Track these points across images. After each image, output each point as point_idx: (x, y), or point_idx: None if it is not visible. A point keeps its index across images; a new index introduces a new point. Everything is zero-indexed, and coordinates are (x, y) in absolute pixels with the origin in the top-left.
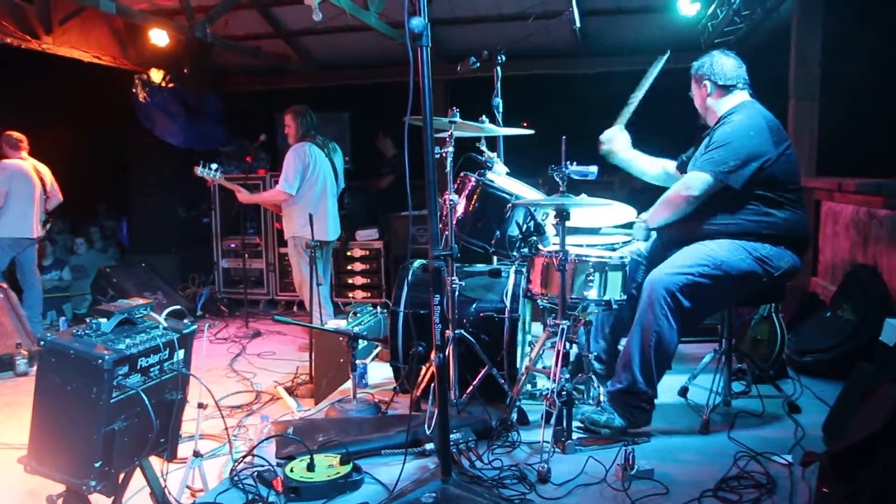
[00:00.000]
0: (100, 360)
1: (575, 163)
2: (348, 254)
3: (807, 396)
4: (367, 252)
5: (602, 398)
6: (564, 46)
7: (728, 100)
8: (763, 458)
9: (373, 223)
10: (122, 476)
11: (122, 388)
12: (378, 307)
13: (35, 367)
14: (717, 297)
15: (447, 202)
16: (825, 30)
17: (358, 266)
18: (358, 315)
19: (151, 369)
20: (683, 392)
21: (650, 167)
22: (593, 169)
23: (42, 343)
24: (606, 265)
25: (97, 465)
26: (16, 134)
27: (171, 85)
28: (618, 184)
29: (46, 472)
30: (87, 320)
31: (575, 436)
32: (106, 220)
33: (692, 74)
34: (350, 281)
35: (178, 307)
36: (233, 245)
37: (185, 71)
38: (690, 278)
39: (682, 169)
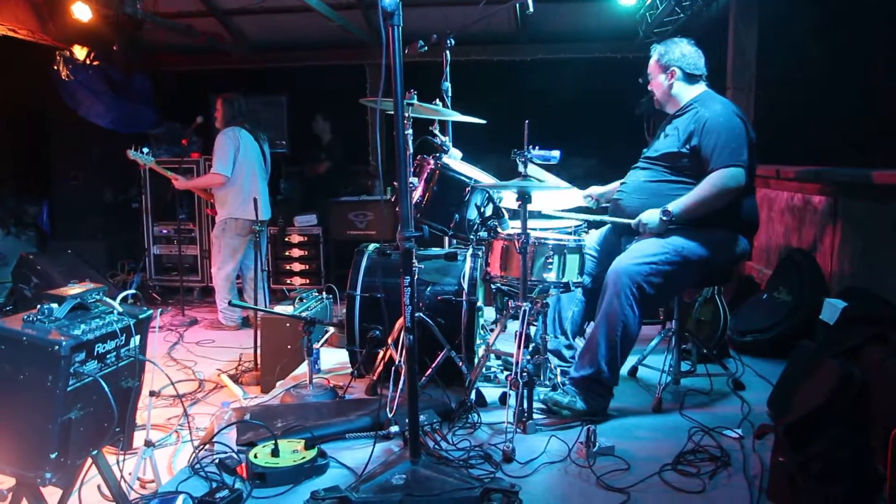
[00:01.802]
0: (56, 347)
1: (538, 147)
2: (286, 240)
3: (748, 374)
4: (306, 238)
5: (559, 379)
6: (505, 33)
7: (693, 89)
8: (715, 432)
9: (311, 208)
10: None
11: (78, 376)
12: (323, 293)
13: None
14: (677, 284)
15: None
16: (760, 22)
17: (296, 252)
18: (304, 301)
19: (108, 356)
20: (633, 372)
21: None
22: (555, 153)
23: None
24: (565, 248)
25: (53, 456)
26: None
27: (96, 63)
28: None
29: None
30: (38, 306)
31: (535, 416)
32: (25, 204)
33: (656, 61)
34: (288, 267)
35: (133, 291)
36: (165, 231)
37: (115, 48)
38: (654, 267)
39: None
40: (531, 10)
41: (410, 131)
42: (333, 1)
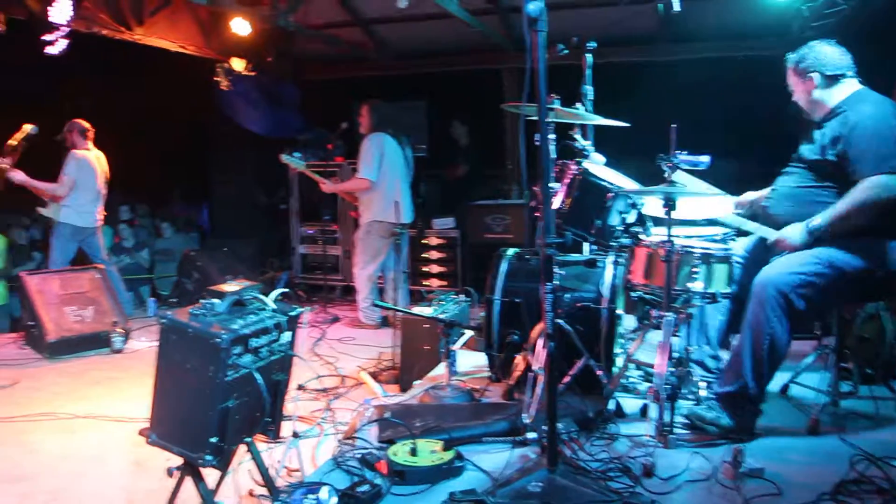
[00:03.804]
0: (217, 339)
1: (686, 151)
2: (425, 242)
3: None
4: (444, 241)
5: (703, 393)
6: (646, 33)
7: (838, 90)
8: (883, 462)
9: (449, 212)
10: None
11: (236, 368)
12: (461, 295)
13: (128, 344)
14: (831, 298)
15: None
16: None
17: (434, 254)
18: (442, 302)
19: (261, 350)
20: (784, 390)
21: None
22: (704, 158)
23: (163, 321)
24: (712, 257)
25: (213, 440)
26: (86, 123)
27: (251, 73)
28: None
29: (165, 445)
30: (201, 301)
31: (677, 431)
32: (189, 205)
33: (791, 68)
34: (426, 269)
35: (286, 290)
36: (310, 231)
37: (269, 60)
38: (804, 278)
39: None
40: (677, 8)
41: (553, 136)
42: (472, 7)
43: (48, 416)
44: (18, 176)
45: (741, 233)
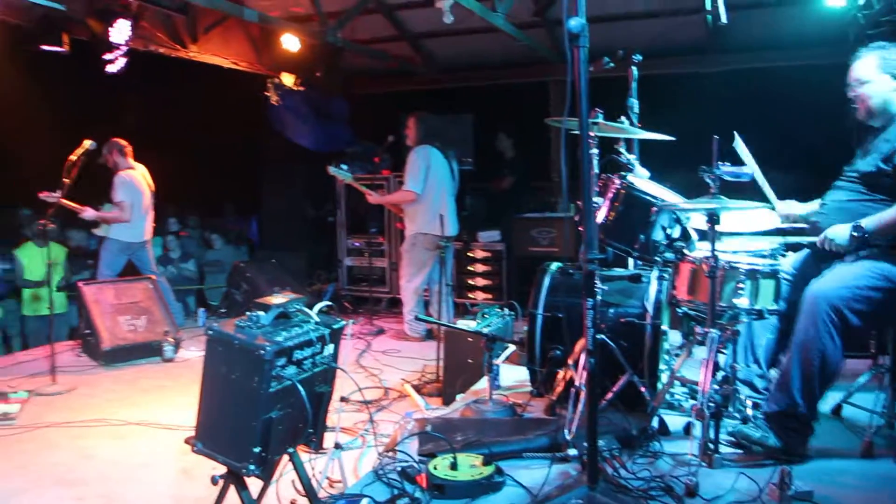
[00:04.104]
0: (262, 351)
1: (728, 163)
2: (470, 255)
3: None
4: (489, 253)
5: (749, 412)
6: (694, 44)
7: None
8: None
9: (494, 225)
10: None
11: (279, 379)
12: (505, 309)
13: (178, 353)
14: (887, 314)
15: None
16: None
17: (479, 267)
18: (486, 316)
19: (305, 362)
20: (837, 410)
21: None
22: (747, 170)
23: (209, 332)
24: (758, 272)
25: (256, 450)
26: (122, 141)
27: (301, 88)
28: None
29: (210, 454)
30: (247, 313)
31: (722, 450)
32: (239, 218)
33: (875, 68)
34: (471, 282)
35: (330, 303)
36: (357, 244)
37: (318, 74)
38: (858, 293)
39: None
40: (724, 20)
41: (596, 150)
42: (518, 20)
43: (102, 423)
44: (89, 213)
45: (790, 248)
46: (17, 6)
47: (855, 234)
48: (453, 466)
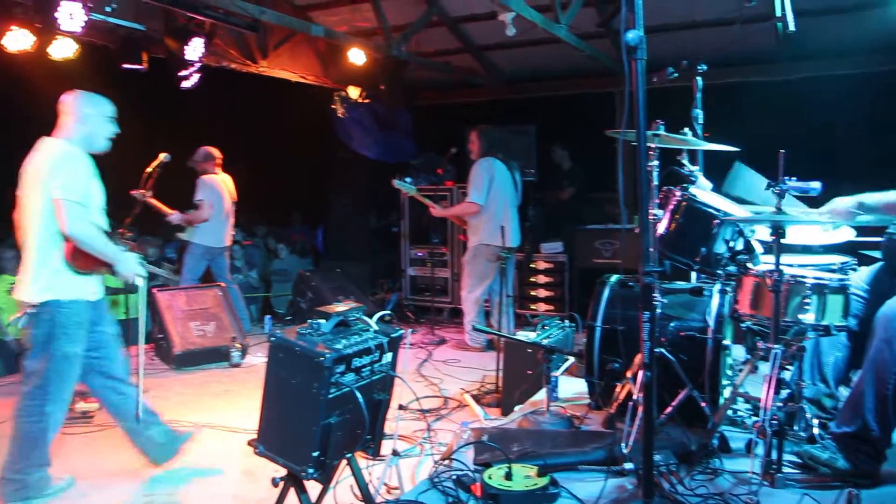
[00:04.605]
0: (321, 358)
1: (795, 178)
2: (532, 266)
3: None
4: (552, 265)
5: (816, 431)
6: (764, 52)
7: None
8: None
9: (556, 236)
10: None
11: (338, 386)
12: (566, 321)
13: (246, 359)
14: None
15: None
16: None
17: (541, 279)
18: (546, 328)
19: (363, 369)
20: None
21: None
22: (815, 185)
23: (272, 339)
24: (826, 287)
25: (315, 454)
26: (215, 151)
27: (366, 101)
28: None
29: (272, 456)
30: (308, 321)
31: (785, 470)
32: (305, 228)
33: None
34: (533, 293)
35: (388, 312)
36: (420, 254)
37: (382, 87)
38: None
39: None
40: (792, 28)
41: (656, 163)
42: (582, 31)
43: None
44: (175, 216)
45: (862, 261)
46: (101, 28)
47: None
48: (508, 476)
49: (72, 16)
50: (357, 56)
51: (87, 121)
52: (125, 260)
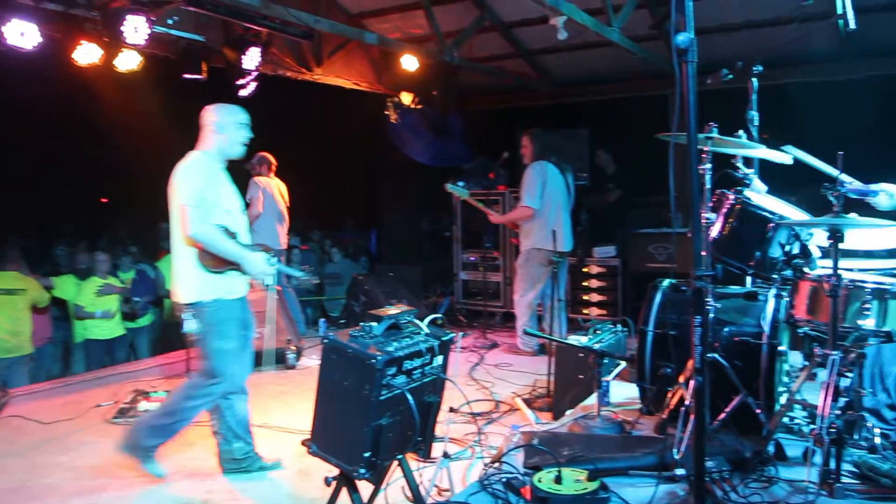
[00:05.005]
0: (373, 360)
1: (853, 181)
2: (585, 270)
3: None
4: (604, 269)
5: (877, 441)
6: (824, 51)
7: None
8: None
9: (610, 240)
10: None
11: (389, 388)
12: (618, 325)
13: (300, 361)
14: None
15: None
16: None
17: (594, 283)
18: (598, 332)
19: (414, 372)
20: None
21: None
22: (875, 187)
23: (325, 341)
24: (887, 292)
25: (366, 455)
26: (270, 156)
27: (419, 106)
28: None
29: (324, 456)
30: (361, 324)
31: (844, 479)
32: (358, 232)
33: None
34: (586, 297)
35: (439, 315)
36: (472, 258)
37: (434, 93)
38: None
39: None
40: (852, 26)
41: (709, 165)
42: (634, 34)
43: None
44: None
45: None
46: (163, 40)
47: None
48: (558, 480)
49: (136, 29)
50: (410, 62)
51: (222, 130)
52: (251, 259)
